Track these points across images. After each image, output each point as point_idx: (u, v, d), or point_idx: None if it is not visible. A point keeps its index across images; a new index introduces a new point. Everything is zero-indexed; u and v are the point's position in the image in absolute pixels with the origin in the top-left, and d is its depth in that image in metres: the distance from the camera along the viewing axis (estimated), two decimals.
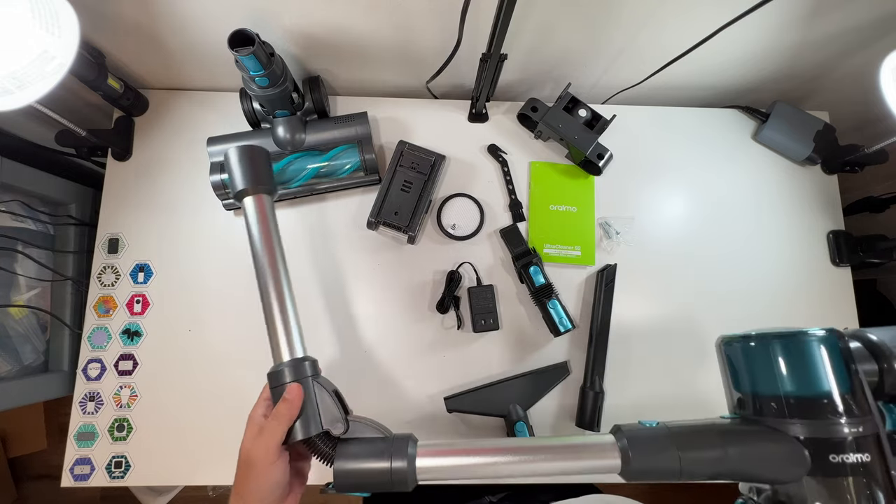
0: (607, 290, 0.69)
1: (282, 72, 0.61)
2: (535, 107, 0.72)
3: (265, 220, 0.53)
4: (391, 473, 0.40)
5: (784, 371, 0.35)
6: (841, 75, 0.75)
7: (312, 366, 0.48)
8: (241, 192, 0.54)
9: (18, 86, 0.48)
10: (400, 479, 0.40)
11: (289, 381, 0.45)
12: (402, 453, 0.41)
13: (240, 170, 0.54)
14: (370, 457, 0.42)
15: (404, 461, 0.40)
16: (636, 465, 0.38)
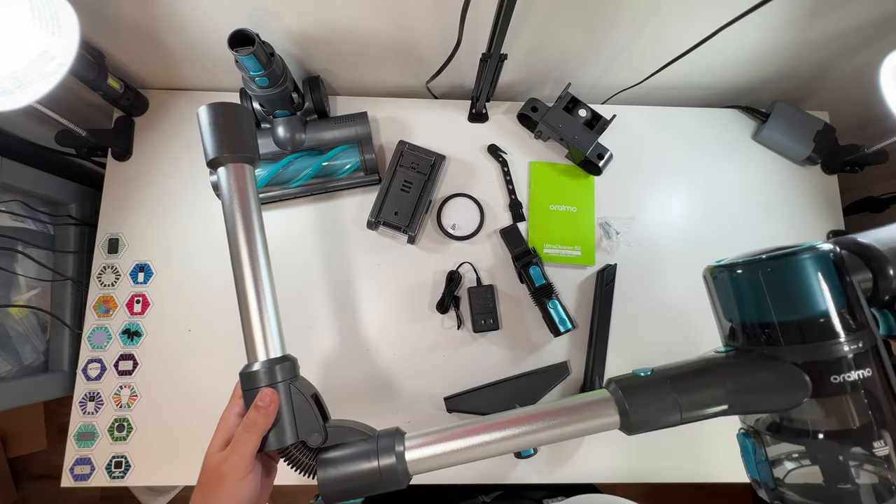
0: (607, 290, 0.69)
1: (282, 72, 0.61)
2: (535, 107, 0.72)
3: (243, 194, 0.44)
4: (381, 473, 0.38)
5: (777, 297, 0.33)
6: (841, 75, 0.75)
7: (291, 367, 0.43)
8: (214, 160, 0.44)
9: (18, 86, 0.48)
10: (391, 478, 0.38)
11: (263, 384, 0.40)
12: (390, 450, 0.38)
13: (213, 133, 0.43)
14: (355, 460, 0.39)
15: (392, 457, 0.38)
16: (635, 417, 0.35)
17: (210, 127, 0.44)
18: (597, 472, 0.67)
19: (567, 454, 0.67)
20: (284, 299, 0.71)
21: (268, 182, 0.68)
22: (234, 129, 0.45)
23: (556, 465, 0.67)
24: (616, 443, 0.66)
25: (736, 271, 0.36)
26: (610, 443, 0.67)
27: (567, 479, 0.67)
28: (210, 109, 0.44)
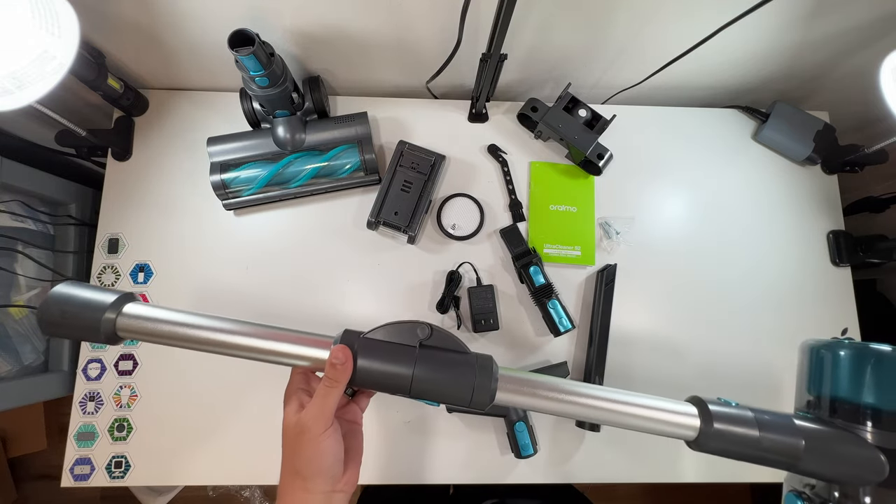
0: (607, 290, 0.69)
1: (282, 72, 0.61)
2: (535, 107, 0.72)
3: (160, 322, 0.39)
4: (473, 389, 0.38)
5: (877, 383, 0.37)
6: (841, 75, 0.75)
7: (350, 333, 0.40)
8: (106, 332, 0.37)
9: (18, 86, 0.48)
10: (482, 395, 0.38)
11: (358, 353, 0.38)
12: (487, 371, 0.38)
13: (79, 313, 0.37)
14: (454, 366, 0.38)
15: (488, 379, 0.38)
16: (714, 435, 0.37)
17: (68, 316, 0.37)
18: (597, 472, 0.67)
19: (567, 454, 0.67)
20: (285, 299, 0.71)
21: (268, 182, 0.68)
22: (82, 297, 0.38)
23: (556, 465, 0.67)
24: (616, 443, 0.66)
25: (842, 351, 0.40)
26: (610, 443, 0.67)
27: (567, 480, 0.67)
28: (45, 308, 0.37)
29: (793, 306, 0.73)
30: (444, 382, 0.37)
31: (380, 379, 0.38)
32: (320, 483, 0.42)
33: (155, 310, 0.39)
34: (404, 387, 0.38)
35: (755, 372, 0.71)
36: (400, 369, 0.37)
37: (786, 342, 0.72)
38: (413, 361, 0.37)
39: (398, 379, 0.38)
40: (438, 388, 0.37)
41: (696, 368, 0.70)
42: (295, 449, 0.42)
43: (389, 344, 0.39)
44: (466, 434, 0.67)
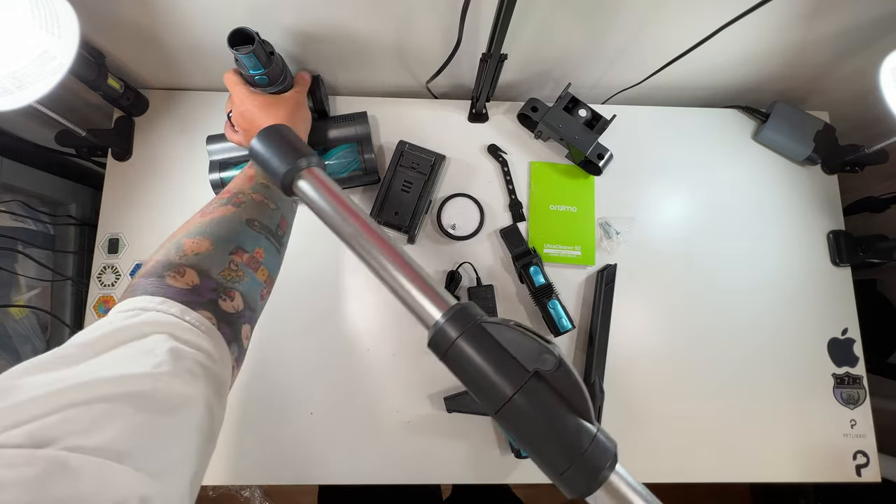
0: (607, 290, 0.69)
1: (281, 71, 0.61)
2: (535, 107, 0.72)
3: (335, 194, 0.42)
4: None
5: None
6: (841, 75, 0.75)
7: (472, 308, 0.37)
8: (287, 179, 0.41)
9: (18, 86, 0.48)
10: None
11: (455, 337, 0.34)
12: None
13: (274, 155, 0.42)
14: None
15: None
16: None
17: (269, 152, 0.42)
18: None
19: None
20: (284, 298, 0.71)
21: None
22: (289, 142, 0.43)
23: None
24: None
25: None
26: None
27: None
28: (260, 137, 0.43)
29: (793, 306, 0.73)
30: (543, 430, 0.30)
31: (470, 375, 0.33)
32: None
33: (322, 194, 0.41)
34: (494, 405, 0.31)
35: (755, 371, 0.71)
36: (498, 385, 0.31)
37: (785, 342, 0.72)
38: (515, 388, 0.31)
39: (491, 392, 0.31)
40: (532, 433, 0.31)
41: (696, 367, 0.70)
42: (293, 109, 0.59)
43: (503, 350, 0.33)
44: (466, 434, 0.67)
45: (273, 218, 0.46)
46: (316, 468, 0.66)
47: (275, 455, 0.66)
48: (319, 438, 0.66)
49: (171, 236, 0.41)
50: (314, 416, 0.67)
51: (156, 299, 0.35)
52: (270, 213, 0.46)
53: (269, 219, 0.46)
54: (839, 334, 0.72)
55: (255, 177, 0.48)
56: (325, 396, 0.67)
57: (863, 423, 0.70)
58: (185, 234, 0.41)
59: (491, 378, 0.31)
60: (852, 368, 0.71)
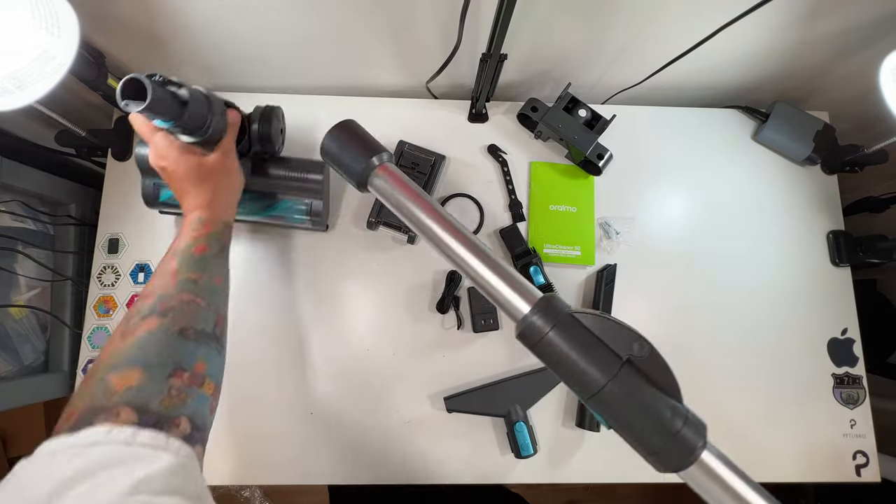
0: (607, 290, 0.69)
1: (204, 119, 0.49)
2: (535, 107, 0.72)
3: (411, 190, 0.42)
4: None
5: None
6: (841, 75, 0.75)
7: (558, 302, 0.37)
8: (363, 179, 0.42)
9: (18, 86, 0.48)
10: None
11: (547, 330, 0.35)
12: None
13: (347, 153, 0.43)
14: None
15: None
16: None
17: (343, 150, 0.44)
18: (596, 472, 0.67)
19: (567, 454, 0.67)
20: (284, 298, 0.71)
21: None
22: (361, 138, 0.44)
23: (555, 465, 0.67)
24: (616, 443, 0.66)
25: None
26: (610, 443, 0.67)
27: (567, 480, 0.67)
28: (332, 135, 0.44)
29: (793, 306, 0.73)
30: (637, 414, 0.32)
31: (562, 365, 0.34)
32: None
33: (398, 187, 0.41)
34: (587, 392, 0.33)
35: (754, 371, 0.71)
36: (592, 373, 0.32)
37: (785, 342, 0.72)
38: (609, 376, 0.32)
39: (583, 379, 0.33)
40: (627, 416, 0.33)
41: (696, 367, 0.70)
42: (222, 181, 0.53)
43: (595, 338, 0.33)
44: (466, 434, 0.67)
45: (208, 318, 0.42)
46: (316, 468, 0.66)
47: (275, 455, 0.66)
48: (319, 438, 0.66)
49: (91, 370, 0.35)
50: (314, 416, 0.67)
51: (100, 429, 0.30)
52: (203, 313, 0.41)
53: (203, 321, 0.41)
54: (839, 334, 0.72)
55: (179, 271, 0.43)
56: (325, 396, 0.67)
57: (862, 423, 0.70)
58: (108, 367, 0.35)
59: (583, 366, 0.33)
60: (852, 368, 0.71)
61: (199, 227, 0.49)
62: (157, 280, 0.43)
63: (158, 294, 0.41)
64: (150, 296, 0.41)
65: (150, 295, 0.41)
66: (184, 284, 0.42)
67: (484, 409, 0.65)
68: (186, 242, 0.47)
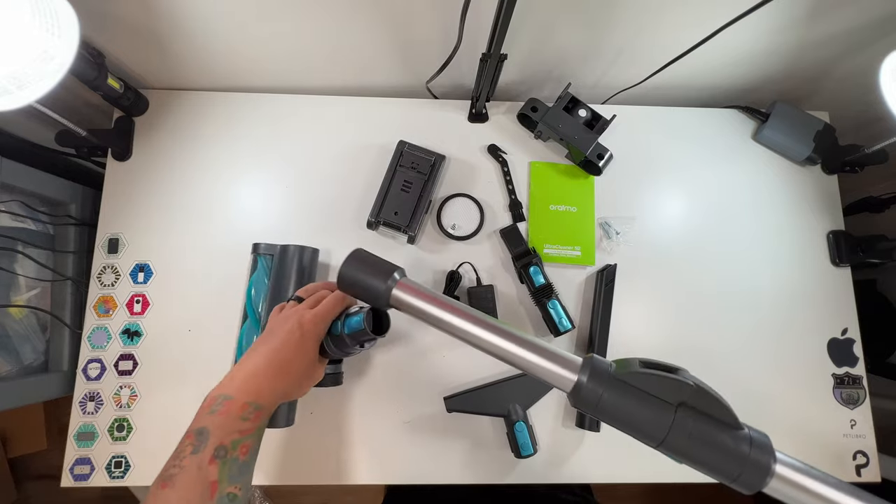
0: (607, 290, 0.69)
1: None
2: (535, 107, 0.72)
3: (430, 297, 0.44)
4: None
5: None
6: (841, 75, 0.75)
7: (600, 364, 0.39)
8: (385, 298, 0.45)
9: (18, 86, 0.48)
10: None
11: (600, 394, 0.36)
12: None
13: (366, 277, 0.45)
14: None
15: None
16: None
17: (359, 277, 0.45)
18: (597, 472, 0.67)
19: (567, 454, 0.67)
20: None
21: None
22: (373, 265, 0.46)
23: (555, 465, 0.67)
24: (616, 443, 0.66)
25: None
26: (610, 443, 0.67)
27: (567, 479, 0.67)
28: (349, 265, 0.46)
29: (793, 306, 0.73)
30: (704, 451, 0.34)
31: (622, 422, 0.36)
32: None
33: (417, 297, 0.44)
34: (653, 442, 0.35)
35: (755, 371, 0.71)
36: (650, 426, 0.34)
37: (785, 342, 0.72)
38: (667, 427, 0.34)
39: (646, 432, 0.35)
40: (696, 455, 0.34)
41: (696, 368, 0.70)
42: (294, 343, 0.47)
43: (644, 394, 0.35)
44: (466, 434, 0.67)
45: None
46: (316, 468, 0.66)
47: (275, 455, 0.66)
48: (319, 438, 0.66)
49: None
50: (314, 416, 0.67)
51: None
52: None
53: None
54: (839, 334, 0.72)
55: (220, 482, 0.40)
56: (325, 396, 0.67)
57: (863, 423, 0.70)
58: None
59: (640, 422, 0.35)
60: (852, 368, 0.71)
61: (252, 417, 0.43)
62: (191, 484, 0.38)
63: None
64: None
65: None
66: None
67: (484, 409, 0.65)
68: (233, 438, 0.41)
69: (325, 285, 0.54)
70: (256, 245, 0.67)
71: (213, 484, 0.38)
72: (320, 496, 1.38)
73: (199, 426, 0.41)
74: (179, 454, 0.40)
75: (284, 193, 0.73)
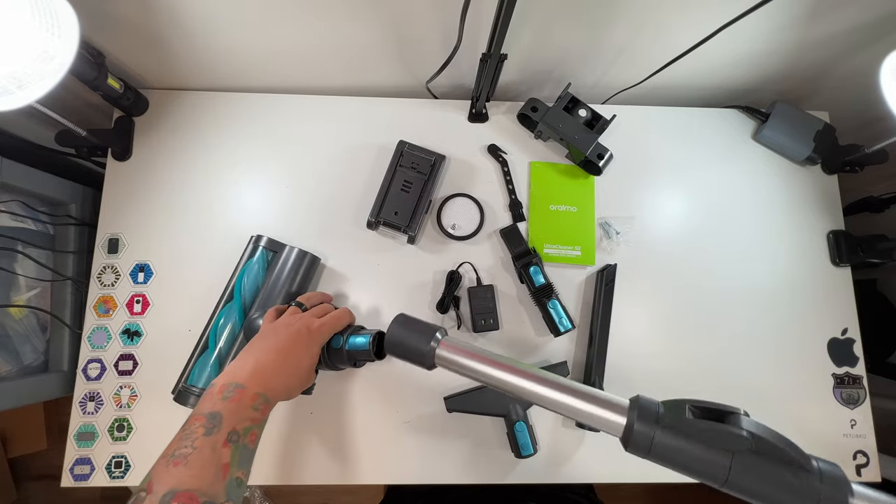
0: (607, 290, 0.69)
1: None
2: (535, 107, 0.72)
3: (472, 354, 0.45)
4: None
5: None
6: (841, 75, 0.75)
7: (648, 405, 0.38)
8: (430, 358, 0.47)
9: (18, 86, 0.48)
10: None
11: (654, 434, 0.36)
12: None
13: (410, 339, 0.47)
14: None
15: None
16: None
17: (407, 340, 0.48)
18: (597, 472, 0.67)
19: (567, 454, 0.67)
20: None
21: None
22: (416, 328, 0.48)
23: (556, 465, 0.67)
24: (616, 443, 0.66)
25: None
26: (610, 443, 0.66)
27: (567, 479, 0.67)
28: (394, 330, 0.48)
29: (793, 306, 0.73)
30: (768, 494, 0.33)
31: (679, 465, 0.35)
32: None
33: (459, 354, 0.45)
34: (716, 481, 0.34)
35: (755, 371, 0.71)
36: (708, 469, 0.34)
37: (785, 341, 0.72)
38: (727, 469, 0.33)
39: (706, 475, 0.34)
40: (763, 497, 0.33)
41: (696, 368, 0.70)
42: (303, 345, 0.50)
43: (695, 441, 0.34)
44: (466, 434, 0.67)
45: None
46: (316, 468, 0.66)
47: (275, 455, 0.66)
48: (319, 438, 0.66)
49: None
50: (314, 416, 0.67)
51: None
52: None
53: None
54: (839, 334, 0.72)
55: (231, 465, 0.40)
56: (325, 396, 0.67)
57: (863, 423, 0.70)
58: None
59: (698, 465, 0.34)
60: (852, 368, 0.71)
61: (262, 408, 0.45)
62: (204, 464, 0.39)
63: (205, 492, 0.37)
64: (194, 485, 0.37)
65: (195, 484, 0.37)
66: (231, 490, 0.39)
67: (484, 408, 0.65)
68: (245, 425, 0.42)
69: (325, 297, 0.56)
70: (259, 237, 0.67)
71: (226, 466, 0.39)
72: (320, 496, 1.38)
73: (211, 410, 0.42)
74: (190, 435, 0.40)
75: (284, 193, 0.73)
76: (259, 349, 0.49)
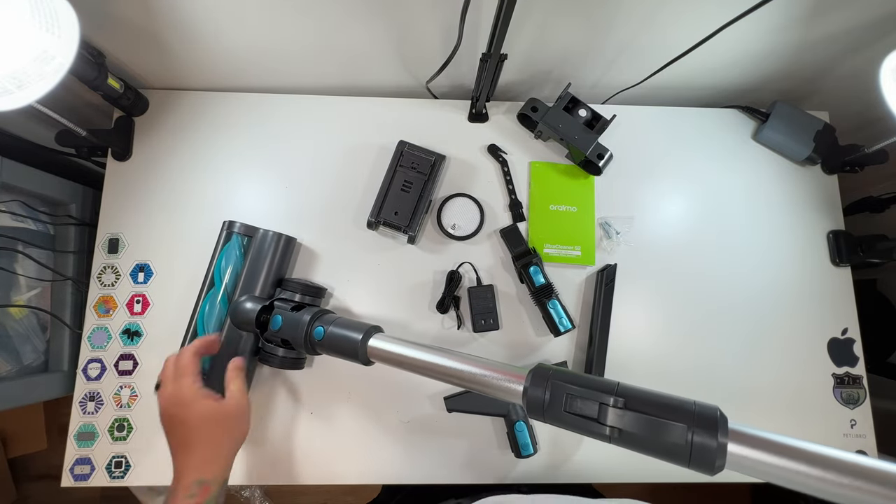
0: (607, 290, 0.69)
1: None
2: (535, 107, 0.72)
3: (402, 344, 0.50)
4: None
5: None
6: (841, 75, 0.75)
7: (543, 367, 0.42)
8: (363, 352, 0.51)
9: (18, 86, 0.48)
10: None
11: (544, 398, 0.39)
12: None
13: (343, 342, 0.52)
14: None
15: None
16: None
17: (338, 342, 0.52)
18: (597, 472, 0.67)
19: (567, 454, 0.67)
20: None
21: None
22: (345, 327, 0.53)
23: (556, 465, 0.67)
24: None
25: None
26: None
27: (567, 479, 0.67)
28: (333, 330, 0.53)
29: (793, 306, 0.73)
30: (654, 422, 0.35)
31: (572, 418, 0.38)
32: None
33: (391, 343, 0.50)
34: (603, 438, 0.37)
35: (755, 371, 0.71)
36: (597, 426, 0.36)
37: (785, 341, 0.72)
38: (610, 398, 0.36)
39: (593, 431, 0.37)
40: (648, 431, 0.35)
41: (696, 368, 0.70)
42: (236, 427, 0.51)
43: (587, 378, 0.39)
44: (466, 434, 0.67)
45: None
46: (316, 468, 0.66)
47: (275, 455, 0.66)
48: (319, 438, 0.66)
49: None
50: (314, 416, 0.67)
51: None
52: None
53: None
54: (839, 334, 0.72)
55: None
56: (325, 396, 0.67)
57: (863, 423, 0.70)
58: None
59: (583, 421, 0.37)
60: (852, 368, 0.71)
61: (199, 493, 0.45)
62: None
63: None
64: None
65: None
66: None
67: (484, 408, 0.65)
68: None
69: (185, 352, 0.54)
70: (231, 223, 0.66)
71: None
72: (320, 496, 1.38)
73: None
74: None
75: (284, 193, 0.73)
76: (171, 444, 0.50)
